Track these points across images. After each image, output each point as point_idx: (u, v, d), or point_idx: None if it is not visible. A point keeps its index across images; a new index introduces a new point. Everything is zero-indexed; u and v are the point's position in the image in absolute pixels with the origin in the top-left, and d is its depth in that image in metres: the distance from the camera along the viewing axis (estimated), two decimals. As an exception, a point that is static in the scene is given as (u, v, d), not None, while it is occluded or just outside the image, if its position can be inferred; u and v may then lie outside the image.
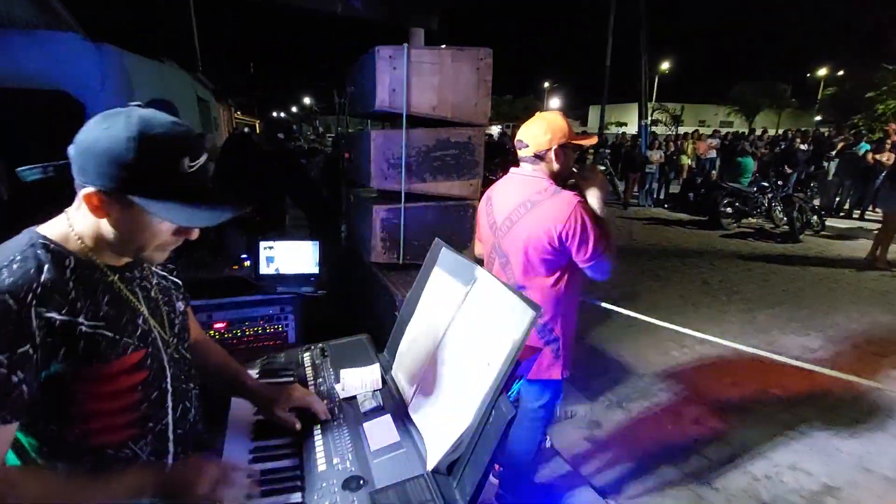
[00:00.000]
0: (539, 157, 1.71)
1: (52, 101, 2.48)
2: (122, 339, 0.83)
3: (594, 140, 1.99)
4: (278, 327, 2.64)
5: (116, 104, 0.80)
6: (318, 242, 2.75)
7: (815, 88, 34.24)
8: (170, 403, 0.91)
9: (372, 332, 1.53)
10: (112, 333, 0.81)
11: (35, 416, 0.76)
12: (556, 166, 1.72)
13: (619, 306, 4.70)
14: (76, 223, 0.82)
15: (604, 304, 4.77)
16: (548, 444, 2.64)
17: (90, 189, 0.75)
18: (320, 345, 1.44)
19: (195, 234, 0.86)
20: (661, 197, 11.77)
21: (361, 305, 3.13)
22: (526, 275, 1.72)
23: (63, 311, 0.75)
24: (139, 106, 0.79)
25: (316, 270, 2.73)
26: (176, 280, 1.05)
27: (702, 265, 6.45)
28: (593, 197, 1.70)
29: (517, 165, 1.82)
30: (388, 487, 0.90)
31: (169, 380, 0.91)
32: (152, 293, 0.93)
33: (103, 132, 0.75)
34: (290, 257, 2.74)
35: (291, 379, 1.29)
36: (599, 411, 3.06)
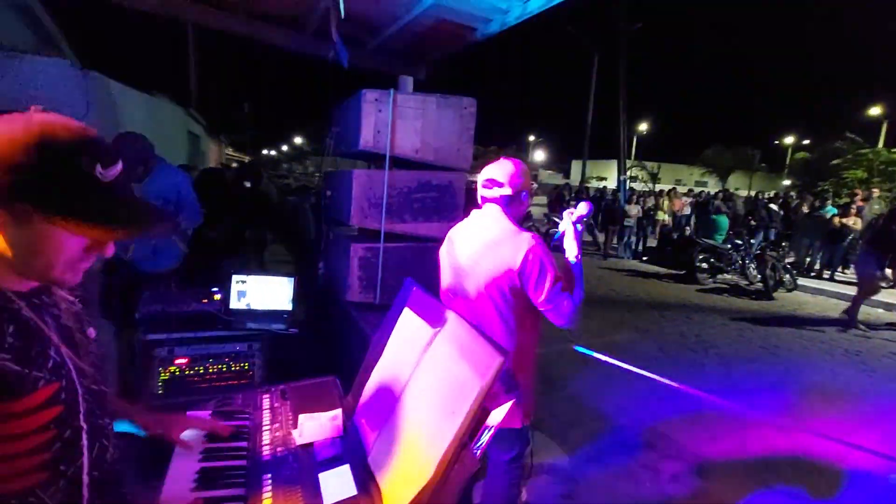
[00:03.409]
0: (513, 198, 1.72)
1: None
2: (32, 372, 0.74)
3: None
4: (244, 366, 2.51)
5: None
6: (294, 279, 2.68)
7: (783, 154, 36.19)
8: (85, 442, 0.81)
9: (344, 374, 1.45)
10: (20, 367, 0.72)
11: None
12: (523, 209, 1.78)
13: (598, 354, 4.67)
14: None
15: (582, 350, 4.73)
16: (524, 499, 2.52)
17: None
18: (281, 386, 1.36)
19: (110, 251, 0.79)
20: (639, 249, 12.02)
21: (335, 346, 3.03)
22: (486, 316, 1.68)
23: None
24: (41, 109, 0.74)
25: (289, 307, 2.65)
26: (79, 304, 0.94)
27: (679, 319, 6.50)
28: (569, 241, 1.71)
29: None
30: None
31: (83, 415, 0.81)
32: (63, 320, 0.84)
33: None
34: (263, 293, 2.66)
35: (246, 422, 1.21)
36: (577, 465, 2.95)
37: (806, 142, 32.44)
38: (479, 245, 1.71)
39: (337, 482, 0.97)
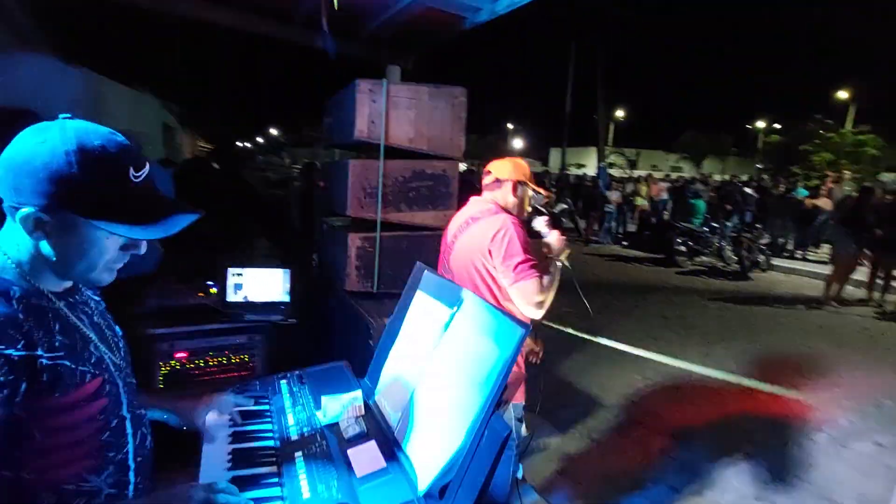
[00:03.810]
0: (499, 182, 1.85)
1: (18, 121, 2.40)
2: (79, 367, 0.78)
3: (548, 195, 2.15)
4: (244, 357, 2.54)
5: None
6: (289, 270, 2.70)
7: (754, 139, 37.06)
8: (129, 430, 0.87)
9: (348, 359, 1.50)
10: (71, 363, 0.76)
11: None
12: (510, 198, 1.85)
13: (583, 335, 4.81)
14: (9, 249, 0.76)
15: (569, 330, 4.87)
16: (520, 475, 2.61)
17: (28, 210, 0.71)
18: (297, 371, 1.41)
19: (143, 248, 0.83)
20: (620, 234, 12.26)
21: (333, 335, 3.07)
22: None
23: (20, 346, 0.70)
24: (69, 117, 0.76)
25: (286, 298, 2.67)
26: (104, 303, 0.99)
27: (660, 301, 6.70)
28: (552, 239, 1.79)
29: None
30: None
31: (125, 406, 0.87)
32: (95, 318, 0.88)
33: (38, 147, 0.70)
34: (260, 285, 2.67)
35: (268, 407, 1.25)
36: (570, 443, 3.07)
37: (777, 126, 33.26)
38: (463, 225, 1.85)
39: (366, 456, 1.02)
